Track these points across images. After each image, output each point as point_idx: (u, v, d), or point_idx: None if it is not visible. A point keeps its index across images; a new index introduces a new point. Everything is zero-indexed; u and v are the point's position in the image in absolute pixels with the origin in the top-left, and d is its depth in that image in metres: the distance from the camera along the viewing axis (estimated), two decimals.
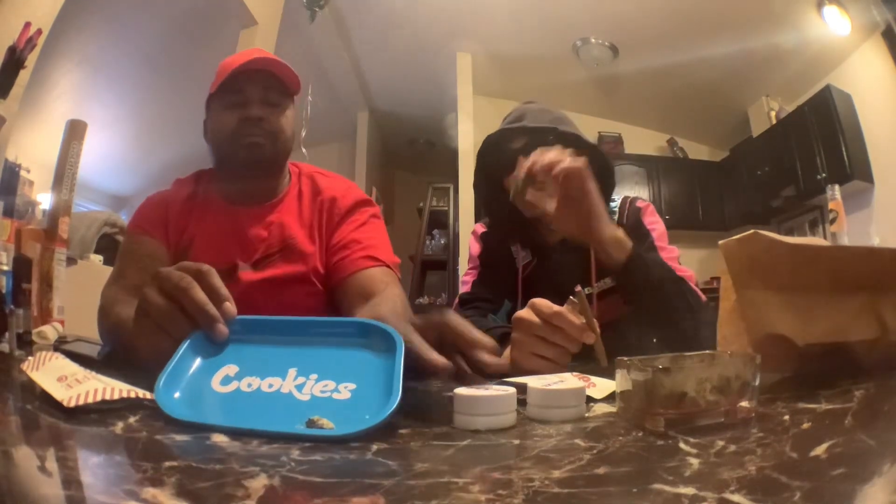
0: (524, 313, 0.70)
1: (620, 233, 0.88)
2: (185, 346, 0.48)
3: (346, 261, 0.97)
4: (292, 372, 0.45)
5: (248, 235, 0.99)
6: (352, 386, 0.42)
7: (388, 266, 0.98)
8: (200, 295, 0.51)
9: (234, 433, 0.37)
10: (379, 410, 0.39)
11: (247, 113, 0.96)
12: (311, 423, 0.38)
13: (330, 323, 0.55)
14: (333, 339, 0.49)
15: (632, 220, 1.09)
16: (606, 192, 1.03)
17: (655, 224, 1.09)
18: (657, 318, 0.90)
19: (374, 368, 0.45)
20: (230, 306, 0.53)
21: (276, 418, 0.40)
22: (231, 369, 0.46)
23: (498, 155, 1.08)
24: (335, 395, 0.42)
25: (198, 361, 0.48)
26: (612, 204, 1.11)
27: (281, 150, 1.01)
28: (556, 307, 0.67)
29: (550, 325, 0.67)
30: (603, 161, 1.02)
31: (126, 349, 0.67)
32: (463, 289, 1.17)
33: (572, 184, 0.82)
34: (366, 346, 0.48)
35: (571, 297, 0.67)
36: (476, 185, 1.18)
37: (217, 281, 0.54)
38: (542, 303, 0.69)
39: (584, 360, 0.68)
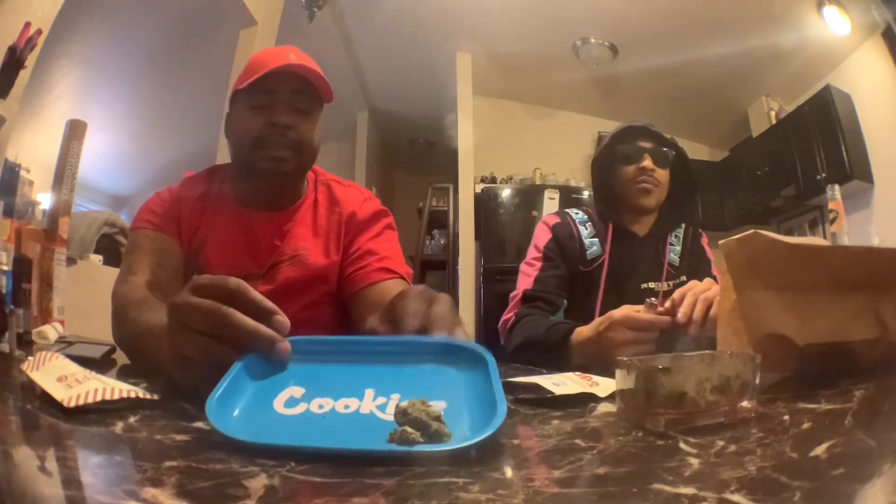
0: (620, 322, 0.85)
1: None
2: (236, 368, 0.43)
3: (361, 272, 0.96)
4: (370, 392, 0.40)
5: (261, 243, 0.97)
6: (442, 404, 0.37)
7: (402, 278, 0.97)
8: (245, 320, 0.45)
9: (317, 456, 0.32)
10: (481, 425, 0.34)
11: (274, 118, 0.92)
12: (399, 438, 0.33)
13: (409, 342, 0.48)
14: (408, 358, 0.45)
15: (694, 240, 1.31)
16: (690, 200, 1.34)
17: (709, 249, 1.31)
18: None
19: (461, 385, 0.41)
20: (282, 319, 0.47)
21: (363, 438, 0.34)
22: (296, 391, 0.41)
23: (628, 144, 1.26)
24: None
25: (254, 383, 0.43)
26: (678, 230, 1.31)
27: (305, 162, 0.97)
28: (645, 316, 0.83)
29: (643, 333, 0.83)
30: (693, 178, 1.33)
31: (155, 367, 0.61)
32: (525, 281, 1.21)
33: None
34: (448, 363, 0.44)
35: (648, 300, 0.86)
36: (595, 162, 1.34)
37: (255, 294, 0.47)
38: (632, 320, 0.84)
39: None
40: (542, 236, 1.27)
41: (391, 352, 0.46)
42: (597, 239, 1.25)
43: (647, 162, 1.22)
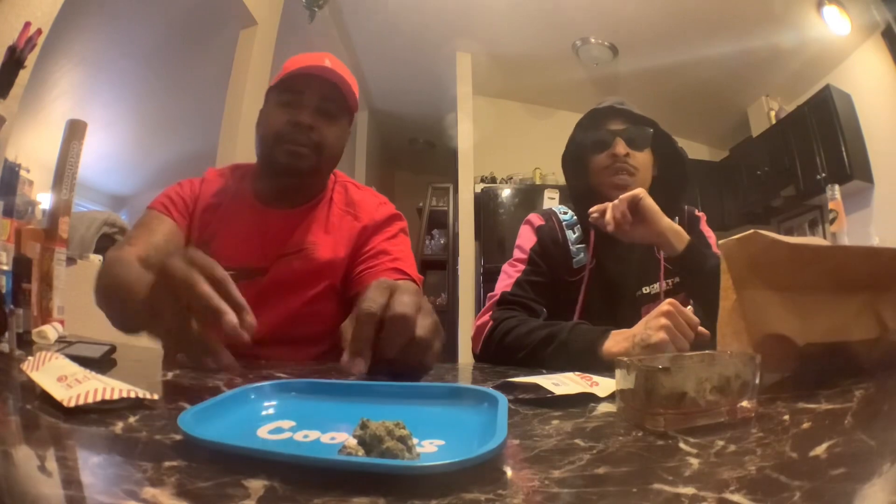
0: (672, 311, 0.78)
1: (677, 226, 0.99)
2: (229, 393, 0.43)
3: (373, 270, 0.96)
4: None
5: (271, 237, 0.99)
6: (440, 442, 0.36)
7: (413, 281, 0.96)
8: (211, 293, 0.48)
9: (270, 458, 0.30)
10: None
11: (297, 117, 0.95)
12: (341, 448, 0.32)
13: (417, 388, 0.47)
14: (417, 401, 0.44)
15: (692, 225, 1.17)
16: (682, 186, 1.18)
17: (709, 233, 1.18)
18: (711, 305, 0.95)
19: (465, 425, 0.40)
20: (250, 319, 0.50)
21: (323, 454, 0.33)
22: (286, 423, 0.40)
23: (596, 130, 1.13)
24: (419, 450, 0.34)
25: (243, 411, 0.42)
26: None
27: (324, 163, 1.00)
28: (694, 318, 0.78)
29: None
30: (682, 159, 1.18)
31: (121, 320, 0.70)
32: (505, 282, 1.10)
33: (643, 204, 0.96)
34: (459, 405, 0.43)
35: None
36: (565, 157, 1.19)
37: (234, 290, 0.51)
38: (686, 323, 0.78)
39: None
40: (527, 237, 1.14)
41: (400, 395, 0.46)
42: (584, 245, 1.12)
43: (620, 147, 1.08)
